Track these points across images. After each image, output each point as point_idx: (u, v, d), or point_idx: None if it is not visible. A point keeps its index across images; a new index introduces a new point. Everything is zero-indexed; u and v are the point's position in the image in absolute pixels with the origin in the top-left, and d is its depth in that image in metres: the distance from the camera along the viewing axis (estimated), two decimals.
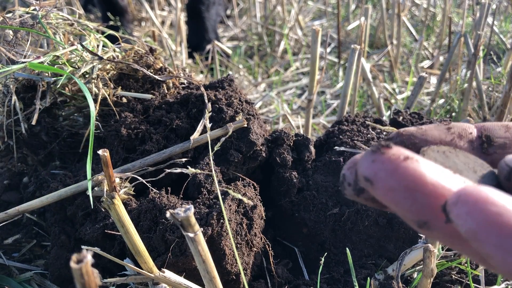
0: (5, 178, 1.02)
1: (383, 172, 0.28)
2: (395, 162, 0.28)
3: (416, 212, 0.27)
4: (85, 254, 0.35)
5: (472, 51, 1.35)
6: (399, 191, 0.27)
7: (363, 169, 0.29)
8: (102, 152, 0.64)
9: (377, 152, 0.29)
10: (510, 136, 0.39)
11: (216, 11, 2.28)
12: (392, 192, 0.28)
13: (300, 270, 0.89)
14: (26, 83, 0.94)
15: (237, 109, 0.92)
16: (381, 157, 0.28)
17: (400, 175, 0.27)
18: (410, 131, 0.38)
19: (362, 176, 0.29)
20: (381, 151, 0.29)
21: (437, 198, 0.27)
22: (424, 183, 0.27)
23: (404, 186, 0.27)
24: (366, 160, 0.29)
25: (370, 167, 0.29)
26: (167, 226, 0.72)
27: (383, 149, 0.29)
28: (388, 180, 0.28)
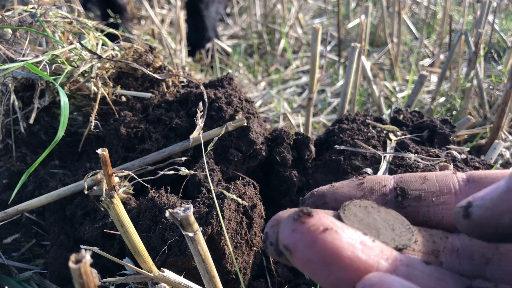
0: (4, 177, 1.02)
1: (301, 244, 0.28)
2: (314, 234, 0.28)
3: (333, 284, 0.28)
4: (84, 254, 0.35)
5: (472, 49, 1.35)
6: (316, 263, 0.28)
7: (283, 237, 0.29)
8: (101, 151, 0.63)
9: (298, 220, 0.29)
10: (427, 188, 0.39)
11: (216, 9, 2.28)
12: (310, 264, 0.28)
13: None
14: (24, 82, 0.94)
15: (236, 107, 0.92)
16: (301, 227, 0.28)
17: (318, 247, 0.28)
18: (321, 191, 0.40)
19: (282, 244, 0.29)
20: (302, 220, 0.29)
21: (352, 272, 0.28)
22: (340, 257, 0.28)
23: (321, 259, 0.28)
24: (287, 228, 0.29)
25: (290, 237, 0.29)
26: (167, 225, 0.71)
27: (304, 218, 0.29)
28: (306, 252, 0.28)
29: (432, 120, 0.98)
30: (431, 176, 0.40)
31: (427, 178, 0.40)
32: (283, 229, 0.29)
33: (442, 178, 0.40)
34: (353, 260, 0.28)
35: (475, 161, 0.94)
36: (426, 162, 0.86)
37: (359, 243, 0.29)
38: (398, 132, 0.97)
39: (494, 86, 1.52)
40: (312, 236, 0.28)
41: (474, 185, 0.38)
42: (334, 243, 0.28)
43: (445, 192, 0.39)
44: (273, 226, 0.34)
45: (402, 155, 0.88)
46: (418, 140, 0.96)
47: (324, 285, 0.29)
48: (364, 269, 0.28)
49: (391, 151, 0.90)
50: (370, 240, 0.30)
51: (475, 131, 1.30)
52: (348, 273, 0.28)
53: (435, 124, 0.97)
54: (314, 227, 0.28)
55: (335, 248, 0.28)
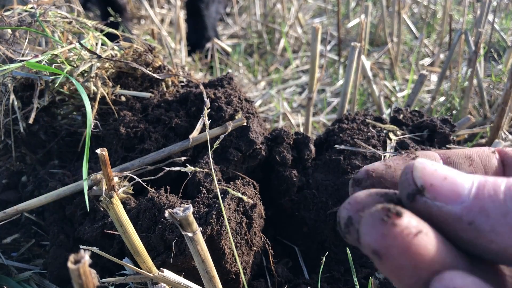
0: (4, 177, 1.02)
1: (395, 250, 0.26)
2: (407, 239, 0.26)
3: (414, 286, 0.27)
4: (83, 255, 0.34)
5: (472, 48, 1.35)
6: (407, 269, 0.26)
7: (371, 241, 0.27)
8: (100, 151, 0.63)
9: (388, 222, 0.26)
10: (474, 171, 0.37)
11: (216, 9, 2.28)
12: (401, 270, 0.26)
13: (300, 269, 0.88)
14: (24, 82, 0.94)
15: (236, 107, 0.91)
16: (393, 231, 0.26)
17: (412, 254, 0.26)
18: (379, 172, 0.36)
19: (370, 248, 0.27)
20: (393, 222, 0.26)
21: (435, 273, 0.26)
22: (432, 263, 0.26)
23: (414, 265, 0.26)
24: (375, 230, 0.27)
25: (381, 241, 0.26)
26: (166, 225, 0.71)
27: (394, 219, 0.26)
28: (399, 259, 0.26)
29: (432, 119, 0.98)
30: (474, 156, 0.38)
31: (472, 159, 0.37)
32: (371, 231, 0.27)
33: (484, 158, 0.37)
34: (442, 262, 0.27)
35: None
36: None
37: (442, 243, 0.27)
38: (398, 131, 0.97)
39: (494, 85, 1.51)
40: (406, 241, 0.26)
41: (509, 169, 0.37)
42: (427, 248, 0.26)
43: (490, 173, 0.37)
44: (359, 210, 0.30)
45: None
46: (418, 140, 0.96)
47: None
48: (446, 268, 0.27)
49: (391, 150, 0.90)
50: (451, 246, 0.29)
51: (475, 130, 1.30)
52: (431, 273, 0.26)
53: (435, 123, 0.96)
54: (407, 230, 0.26)
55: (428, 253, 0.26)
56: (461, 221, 0.27)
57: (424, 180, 0.29)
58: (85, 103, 0.79)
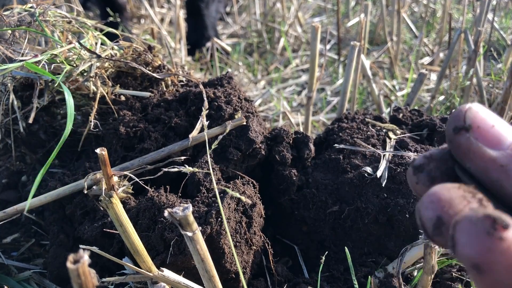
0: (4, 177, 1.02)
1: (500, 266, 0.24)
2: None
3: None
4: (82, 254, 0.34)
5: (472, 47, 1.35)
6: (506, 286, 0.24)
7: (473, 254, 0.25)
8: (100, 150, 0.63)
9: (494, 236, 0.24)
10: None
11: (216, 8, 2.27)
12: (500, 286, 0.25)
13: (300, 268, 0.89)
14: (24, 82, 0.94)
15: (236, 106, 0.91)
16: (500, 247, 0.24)
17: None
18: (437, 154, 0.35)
19: (471, 261, 0.25)
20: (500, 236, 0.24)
21: None
22: None
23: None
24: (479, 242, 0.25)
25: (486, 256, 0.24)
26: (166, 224, 0.71)
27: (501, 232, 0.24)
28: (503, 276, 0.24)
29: (431, 118, 0.98)
30: None
31: None
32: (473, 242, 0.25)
33: None
34: None
35: None
36: None
37: None
38: (398, 130, 0.97)
39: (493, 84, 1.51)
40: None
41: None
42: None
43: None
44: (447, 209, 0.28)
45: (402, 153, 0.88)
46: (417, 139, 0.96)
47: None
48: None
49: (390, 149, 0.90)
50: None
51: None
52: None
53: (434, 122, 0.96)
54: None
55: None
56: (495, 162, 0.29)
57: (473, 121, 0.31)
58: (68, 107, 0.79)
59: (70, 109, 0.80)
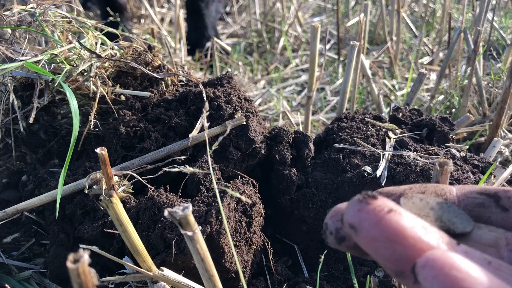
0: (4, 177, 1.02)
1: (367, 222, 0.30)
2: (379, 214, 0.30)
3: (395, 262, 0.29)
4: (82, 254, 0.35)
5: (472, 47, 1.35)
6: (380, 241, 0.29)
7: (348, 217, 0.31)
8: (100, 150, 0.64)
9: (363, 201, 0.30)
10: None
11: (216, 8, 2.27)
12: (374, 242, 0.30)
13: (299, 267, 0.89)
14: (24, 81, 0.94)
15: (236, 106, 0.92)
16: (367, 207, 0.30)
17: (383, 226, 0.29)
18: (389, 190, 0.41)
19: (347, 223, 0.31)
20: (367, 201, 0.30)
21: (415, 252, 0.29)
22: (404, 236, 0.29)
23: (385, 237, 0.29)
24: (353, 208, 0.31)
25: (356, 216, 0.30)
26: (166, 224, 0.72)
27: (369, 199, 0.30)
28: (371, 230, 0.30)
29: (431, 118, 0.98)
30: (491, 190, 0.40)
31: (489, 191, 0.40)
32: (349, 209, 0.31)
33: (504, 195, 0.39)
34: (416, 240, 0.29)
35: (474, 159, 0.94)
36: (425, 160, 0.86)
37: (421, 226, 0.30)
38: (397, 130, 0.97)
39: (493, 84, 1.52)
40: (378, 215, 0.30)
41: None
42: (399, 223, 0.29)
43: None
44: (333, 217, 0.36)
45: (401, 153, 0.88)
46: (417, 138, 0.96)
47: (386, 262, 0.30)
48: (426, 249, 0.29)
49: (390, 149, 0.90)
50: (431, 226, 0.32)
51: (474, 128, 1.30)
52: (411, 252, 0.29)
53: (434, 122, 0.97)
54: (379, 207, 0.30)
55: (399, 228, 0.29)
56: None
57: None
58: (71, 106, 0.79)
59: (74, 107, 0.80)
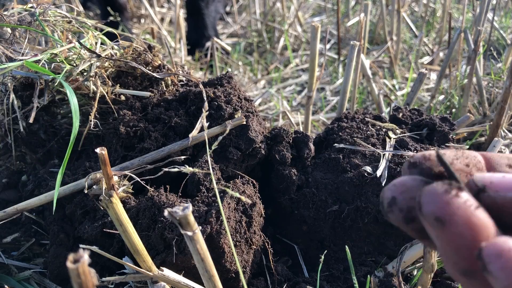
0: (4, 177, 1.02)
1: (458, 218, 0.28)
2: (470, 210, 0.28)
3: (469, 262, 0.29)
4: (82, 254, 0.35)
5: (472, 47, 1.35)
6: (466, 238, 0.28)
7: (435, 209, 0.29)
8: (100, 150, 0.63)
9: (452, 193, 0.29)
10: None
11: (216, 8, 2.27)
12: (460, 238, 0.28)
13: (300, 267, 0.89)
14: (24, 81, 0.94)
15: (236, 106, 0.92)
16: (457, 201, 0.29)
17: (473, 224, 0.28)
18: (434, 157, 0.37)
19: (434, 215, 0.29)
20: (456, 193, 0.29)
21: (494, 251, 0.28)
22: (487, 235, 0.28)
23: (472, 235, 0.28)
24: (440, 199, 0.29)
25: (446, 209, 0.29)
26: (166, 224, 0.72)
27: (457, 191, 0.29)
28: (461, 227, 0.28)
29: (431, 118, 0.98)
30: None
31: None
32: (434, 199, 0.29)
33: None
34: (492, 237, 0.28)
35: None
36: None
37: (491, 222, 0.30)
38: (398, 130, 0.97)
39: (493, 83, 1.51)
40: (469, 212, 0.28)
41: None
42: (484, 221, 0.28)
43: None
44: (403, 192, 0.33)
45: (402, 153, 0.88)
46: (417, 138, 0.96)
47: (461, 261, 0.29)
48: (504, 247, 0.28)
49: (390, 149, 0.90)
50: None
51: (475, 128, 1.30)
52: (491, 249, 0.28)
53: (434, 122, 0.97)
54: (469, 202, 0.29)
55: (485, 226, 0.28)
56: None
57: (484, 181, 0.32)
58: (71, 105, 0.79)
59: (74, 105, 0.80)
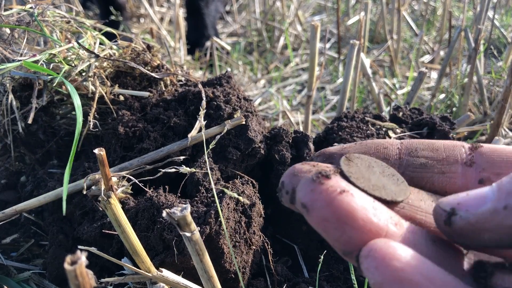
0: (3, 177, 1.02)
1: (319, 203, 0.30)
2: (331, 195, 0.30)
3: (344, 243, 0.30)
4: (80, 255, 0.34)
5: (472, 45, 1.34)
6: (331, 222, 0.30)
7: (301, 195, 0.31)
8: (98, 151, 0.63)
9: (317, 181, 0.30)
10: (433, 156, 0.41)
11: (216, 7, 2.27)
12: (325, 222, 0.30)
13: (299, 267, 0.88)
14: (22, 82, 0.94)
15: (235, 106, 0.91)
16: (320, 188, 0.30)
17: (334, 207, 0.30)
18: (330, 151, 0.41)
19: (300, 202, 0.31)
20: (321, 181, 0.30)
21: (364, 234, 0.29)
22: (355, 218, 0.29)
23: (336, 218, 0.29)
24: (306, 187, 0.31)
25: (308, 195, 0.30)
26: (165, 225, 0.71)
27: (323, 179, 0.30)
28: (323, 211, 0.30)
29: (431, 117, 0.98)
30: (439, 144, 0.41)
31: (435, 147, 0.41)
32: (302, 187, 0.31)
33: (449, 147, 0.41)
34: (366, 222, 0.30)
35: None
36: None
37: (372, 207, 0.31)
38: (398, 129, 0.96)
39: (494, 82, 1.51)
40: (330, 197, 0.30)
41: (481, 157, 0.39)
42: (350, 205, 0.29)
43: (452, 162, 0.40)
44: (291, 176, 0.35)
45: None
46: (417, 138, 0.96)
47: (335, 243, 0.30)
48: (375, 231, 0.30)
49: None
50: (380, 205, 0.32)
51: (475, 128, 1.29)
52: (360, 234, 0.29)
53: (434, 121, 0.96)
54: (332, 188, 0.30)
55: (351, 209, 0.29)
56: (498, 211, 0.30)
57: (451, 204, 0.32)
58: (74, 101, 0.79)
59: (77, 101, 0.80)
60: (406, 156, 0.41)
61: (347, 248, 0.30)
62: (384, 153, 0.41)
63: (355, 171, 0.35)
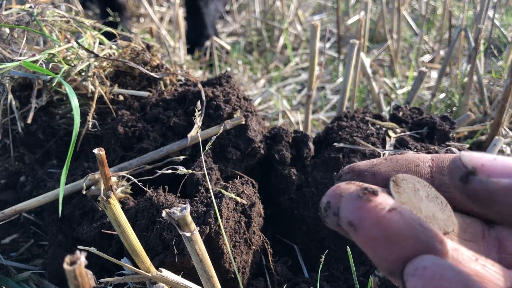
0: (2, 177, 1.02)
1: (368, 221, 0.29)
2: (380, 213, 0.29)
3: (392, 262, 0.29)
4: (79, 256, 0.34)
5: (472, 45, 1.34)
6: (380, 241, 0.29)
7: (347, 213, 0.30)
8: (97, 151, 0.63)
9: (364, 197, 0.29)
10: None
11: (215, 7, 2.27)
12: (373, 241, 0.29)
13: (299, 267, 0.88)
14: (22, 82, 0.94)
15: (235, 106, 0.91)
16: (368, 205, 0.29)
17: (384, 226, 0.29)
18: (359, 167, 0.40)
19: (346, 220, 0.30)
20: (368, 198, 0.29)
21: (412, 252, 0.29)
22: (404, 237, 0.29)
23: (385, 237, 0.29)
24: (352, 204, 0.30)
25: (356, 213, 0.29)
26: (165, 225, 0.71)
27: (370, 196, 0.29)
28: (372, 230, 0.29)
29: (431, 116, 0.98)
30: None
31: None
32: (348, 205, 0.30)
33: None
34: (415, 240, 0.29)
35: None
36: None
37: (419, 225, 0.30)
38: (398, 129, 0.96)
39: (494, 82, 1.51)
40: (379, 215, 0.29)
41: None
42: (399, 223, 0.29)
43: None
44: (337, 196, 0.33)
45: (402, 152, 0.87)
46: (417, 137, 0.96)
47: (381, 262, 0.29)
48: (422, 249, 0.29)
49: (390, 148, 0.89)
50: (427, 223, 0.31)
51: (475, 127, 1.29)
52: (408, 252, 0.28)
53: (434, 120, 0.96)
54: (381, 206, 0.29)
55: (400, 227, 0.28)
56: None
57: (474, 163, 0.31)
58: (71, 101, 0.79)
59: (74, 102, 0.80)
60: (438, 175, 0.38)
61: (394, 268, 0.29)
62: (416, 171, 0.39)
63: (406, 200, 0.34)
